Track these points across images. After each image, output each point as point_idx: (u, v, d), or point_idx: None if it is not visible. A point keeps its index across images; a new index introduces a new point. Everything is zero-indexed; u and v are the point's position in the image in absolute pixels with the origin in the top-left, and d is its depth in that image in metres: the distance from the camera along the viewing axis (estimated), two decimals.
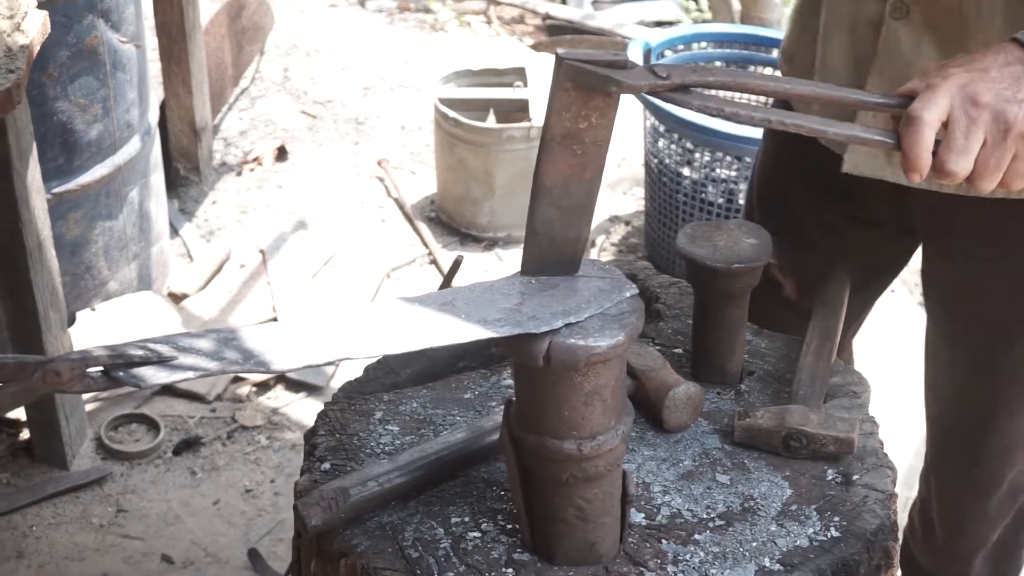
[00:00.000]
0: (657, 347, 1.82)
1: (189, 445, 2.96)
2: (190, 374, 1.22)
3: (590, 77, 1.25)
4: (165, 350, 1.22)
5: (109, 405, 3.06)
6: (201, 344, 1.25)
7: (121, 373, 1.19)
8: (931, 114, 1.32)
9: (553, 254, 1.39)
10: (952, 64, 1.37)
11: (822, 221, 1.95)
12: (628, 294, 1.37)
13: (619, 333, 1.31)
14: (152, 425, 3.01)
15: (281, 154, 4.33)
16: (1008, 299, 1.82)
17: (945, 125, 1.33)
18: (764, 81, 1.37)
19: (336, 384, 3.14)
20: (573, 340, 1.30)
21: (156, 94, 3.57)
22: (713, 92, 1.33)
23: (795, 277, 1.98)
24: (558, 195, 1.34)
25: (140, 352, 1.21)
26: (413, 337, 1.30)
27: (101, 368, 1.20)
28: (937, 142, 1.33)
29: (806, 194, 1.96)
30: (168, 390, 3.11)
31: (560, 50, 1.26)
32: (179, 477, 2.89)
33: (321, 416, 1.71)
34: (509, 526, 1.50)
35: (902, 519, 1.92)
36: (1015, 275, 1.81)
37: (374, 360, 1.87)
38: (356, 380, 1.84)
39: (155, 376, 1.20)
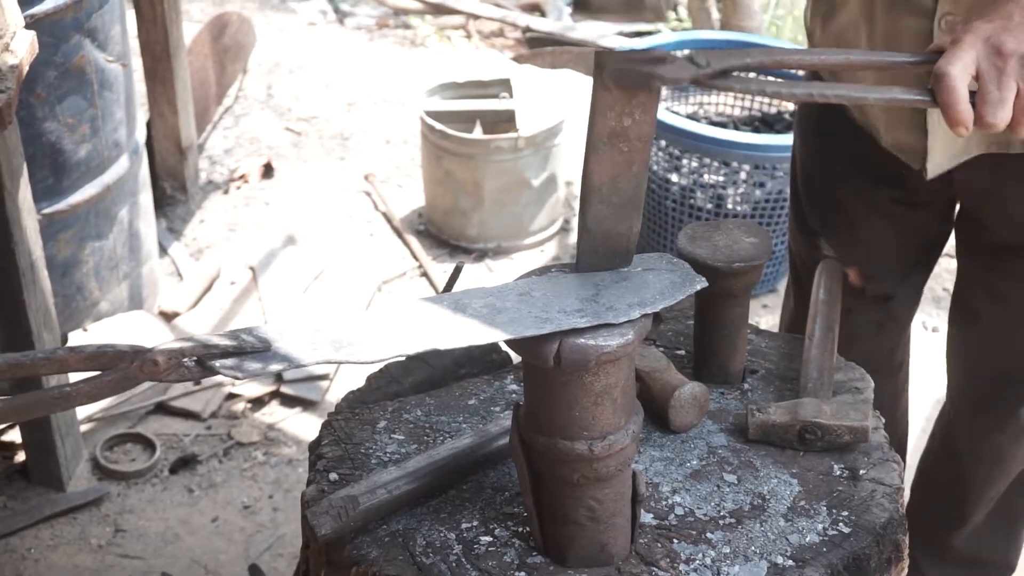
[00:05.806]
0: (659, 349, 1.82)
1: (185, 463, 2.95)
2: (284, 364, 1.22)
3: (633, 75, 1.25)
4: (258, 341, 1.22)
5: (104, 425, 3.04)
6: (292, 335, 1.25)
7: (216, 363, 1.20)
8: (956, 67, 1.36)
9: (607, 249, 1.41)
10: (976, 17, 1.41)
11: (873, 209, 2.01)
12: (699, 286, 1.40)
13: (628, 331, 1.32)
14: (147, 444, 2.99)
15: (267, 171, 4.32)
16: None
17: (977, 79, 1.37)
18: (800, 56, 1.44)
19: (331, 398, 3.14)
20: (583, 340, 1.30)
21: (142, 113, 3.56)
22: (750, 75, 1.36)
23: (856, 266, 2.06)
24: (608, 192, 1.36)
25: (234, 343, 1.21)
26: (501, 327, 1.31)
27: (195, 358, 1.20)
28: (973, 94, 1.37)
29: (855, 187, 2.02)
30: (162, 408, 3.10)
31: (601, 52, 1.27)
32: (176, 495, 2.88)
33: (325, 426, 1.71)
34: (520, 530, 1.50)
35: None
36: None
37: (377, 369, 1.87)
38: (358, 390, 1.84)
39: (250, 366, 1.21)
